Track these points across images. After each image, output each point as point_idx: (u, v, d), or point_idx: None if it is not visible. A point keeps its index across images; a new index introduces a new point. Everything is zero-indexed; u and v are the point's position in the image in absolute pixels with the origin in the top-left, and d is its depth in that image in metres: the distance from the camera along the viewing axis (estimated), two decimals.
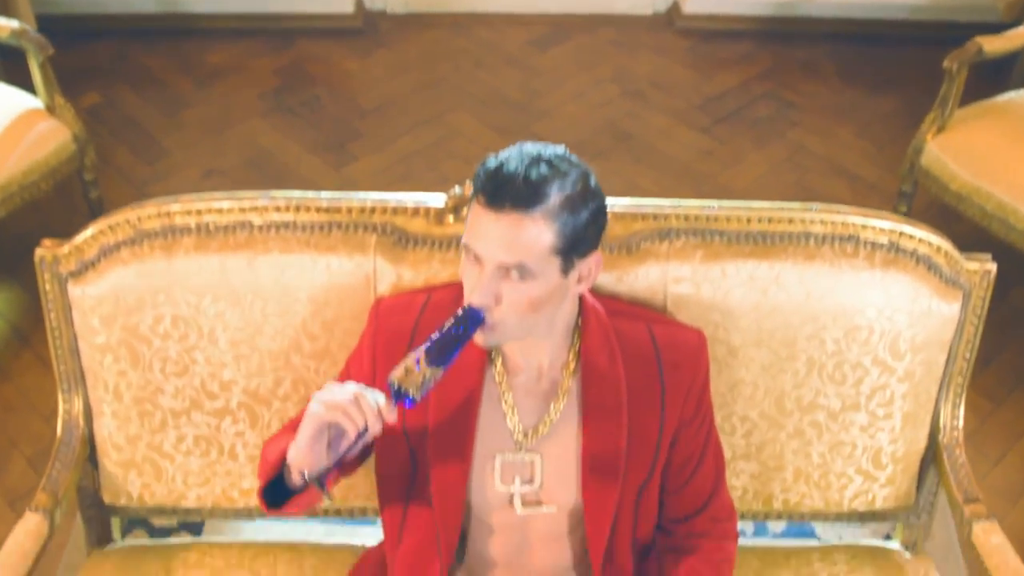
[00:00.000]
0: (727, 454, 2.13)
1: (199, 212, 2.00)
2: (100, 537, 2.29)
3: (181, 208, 2.00)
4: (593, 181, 1.68)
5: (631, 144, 4.15)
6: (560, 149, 1.67)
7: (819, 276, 2.00)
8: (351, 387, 1.62)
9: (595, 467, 1.83)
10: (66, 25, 4.33)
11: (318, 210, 2.01)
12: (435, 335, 1.62)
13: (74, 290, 2.02)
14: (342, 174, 3.97)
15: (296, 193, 2.02)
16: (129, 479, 2.16)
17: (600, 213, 1.69)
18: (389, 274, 2.00)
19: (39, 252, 2.02)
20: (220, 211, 2.00)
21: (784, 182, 3.99)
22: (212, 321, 2.01)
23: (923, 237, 2.03)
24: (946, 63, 3.27)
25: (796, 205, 2.04)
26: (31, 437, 3.11)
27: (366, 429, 1.60)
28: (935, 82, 3.40)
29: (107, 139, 4.09)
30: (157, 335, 2.02)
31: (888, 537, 2.38)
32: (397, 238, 2.01)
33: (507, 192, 1.60)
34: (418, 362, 1.59)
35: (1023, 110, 3.42)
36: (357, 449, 1.65)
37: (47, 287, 2.04)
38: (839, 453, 2.14)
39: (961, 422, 2.18)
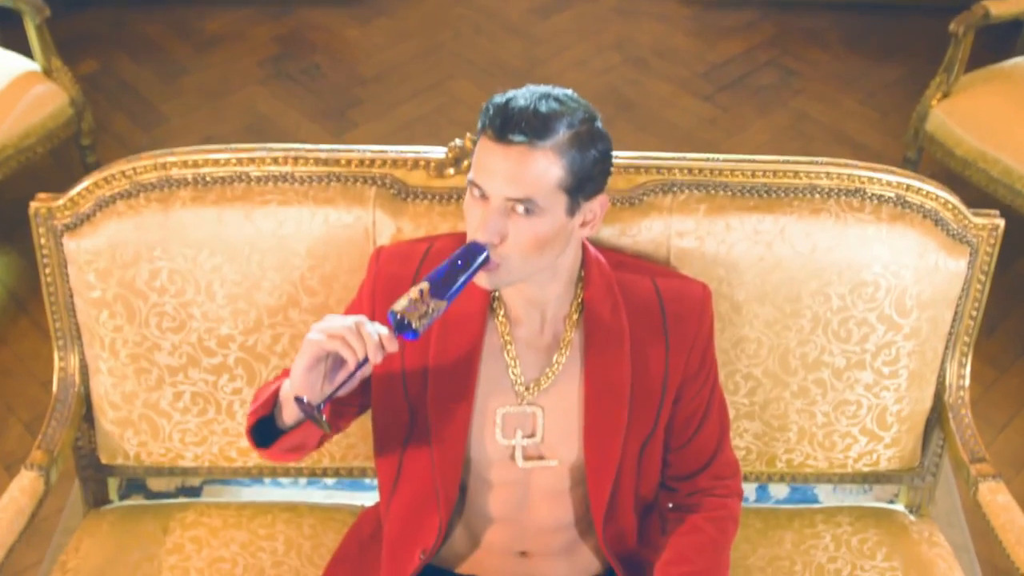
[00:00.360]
0: (730, 413, 2.10)
1: (196, 164, 1.97)
2: (97, 499, 2.27)
3: (177, 160, 1.97)
4: (600, 123, 1.67)
5: (633, 112, 4.11)
6: (568, 90, 1.66)
7: (825, 230, 1.97)
8: (352, 317, 1.59)
9: (597, 420, 1.81)
10: None
11: (316, 162, 1.98)
12: (439, 268, 1.59)
13: (69, 244, 1.99)
14: (342, 141, 3.94)
15: (294, 145, 1.99)
16: (126, 437, 2.14)
17: (606, 156, 1.68)
18: (389, 227, 1.97)
19: (34, 205, 1.99)
20: (217, 163, 1.97)
21: (787, 150, 3.92)
22: (209, 275, 1.99)
23: (930, 191, 2.00)
24: (952, 26, 3.24)
25: (802, 159, 2.01)
26: (27, 402, 3.09)
27: (366, 360, 1.57)
28: (940, 51, 3.37)
29: (104, 106, 4.06)
30: (154, 290, 2.00)
31: (892, 503, 2.35)
32: (397, 191, 1.98)
33: (516, 124, 1.58)
34: (421, 293, 1.56)
35: None
36: (355, 382, 1.61)
37: (42, 241, 2.01)
38: (843, 413, 2.12)
39: (967, 382, 2.16)
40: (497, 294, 1.80)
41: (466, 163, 1.97)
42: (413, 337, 1.57)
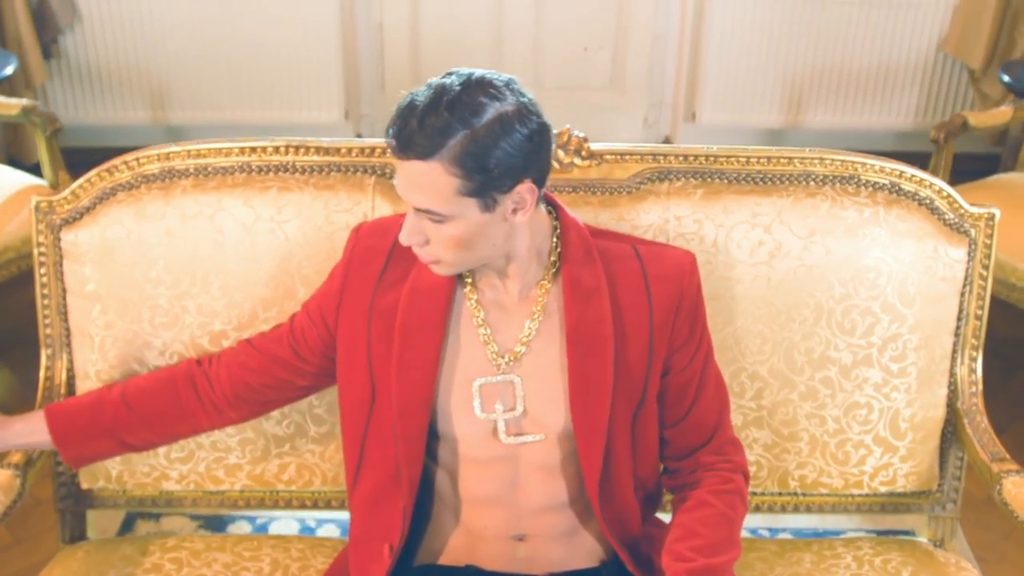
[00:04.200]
0: (737, 420, 2.04)
1: (199, 154, 2.00)
2: (75, 536, 2.15)
3: (181, 150, 2.00)
4: (515, 108, 1.58)
5: None
6: (483, 76, 1.59)
7: (821, 213, 1.98)
8: None
9: (583, 382, 1.73)
10: (76, 157, 4.43)
11: (317, 151, 2.00)
12: None
13: (67, 236, 1.98)
14: None
15: (296, 138, 2.03)
16: None
17: (524, 143, 1.58)
18: (387, 214, 1.97)
19: (35, 199, 2.00)
20: (219, 152, 1.99)
21: None
22: (206, 265, 1.97)
23: (924, 178, 2.03)
24: (932, 134, 3.35)
25: (794, 148, 2.04)
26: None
27: None
28: None
29: None
30: (149, 280, 1.97)
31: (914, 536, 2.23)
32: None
33: (404, 141, 1.57)
34: None
35: (1013, 185, 3.48)
36: None
37: (40, 238, 2.00)
38: (855, 417, 2.05)
39: (980, 387, 2.10)
40: None
41: None
42: None
